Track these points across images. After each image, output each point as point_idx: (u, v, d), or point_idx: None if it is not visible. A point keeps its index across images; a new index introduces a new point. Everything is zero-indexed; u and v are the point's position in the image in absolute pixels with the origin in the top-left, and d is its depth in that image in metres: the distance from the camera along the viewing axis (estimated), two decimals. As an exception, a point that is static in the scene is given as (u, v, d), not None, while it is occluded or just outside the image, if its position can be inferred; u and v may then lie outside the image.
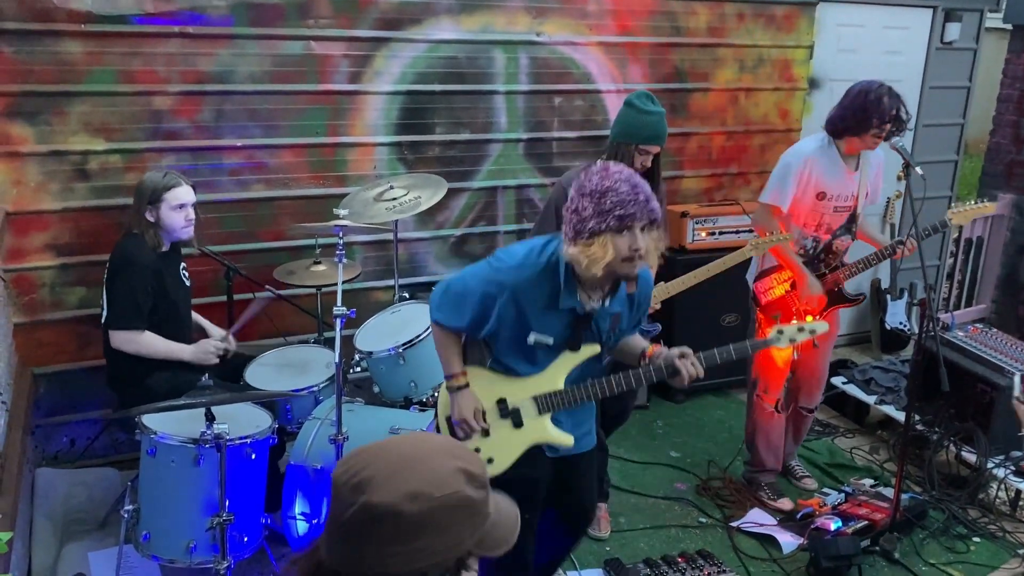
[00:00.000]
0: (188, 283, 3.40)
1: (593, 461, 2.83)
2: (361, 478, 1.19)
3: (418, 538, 1.17)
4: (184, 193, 3.19)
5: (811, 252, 3.58)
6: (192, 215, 3.23)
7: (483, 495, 1.25)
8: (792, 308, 3.55)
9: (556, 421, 2.59)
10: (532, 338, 2.45)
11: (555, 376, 2.53)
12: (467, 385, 2.56)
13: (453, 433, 2.58)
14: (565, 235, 2.32)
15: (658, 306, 3.39)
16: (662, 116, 3.27)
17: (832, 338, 3.77)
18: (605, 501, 3.61)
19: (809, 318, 3.54)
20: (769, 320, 3.59)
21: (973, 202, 3.62)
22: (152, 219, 3.16)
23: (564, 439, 2.59)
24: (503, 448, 2.58)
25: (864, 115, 3.35)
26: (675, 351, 2.50)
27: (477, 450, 2.55)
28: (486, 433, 2.58)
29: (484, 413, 2.58)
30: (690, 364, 2.47)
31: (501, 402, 2.57)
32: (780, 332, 2.64)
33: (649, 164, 3.33)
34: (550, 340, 2.46)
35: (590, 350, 2.51)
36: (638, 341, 2.66)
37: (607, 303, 2.45)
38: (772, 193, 3.52)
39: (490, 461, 2.56)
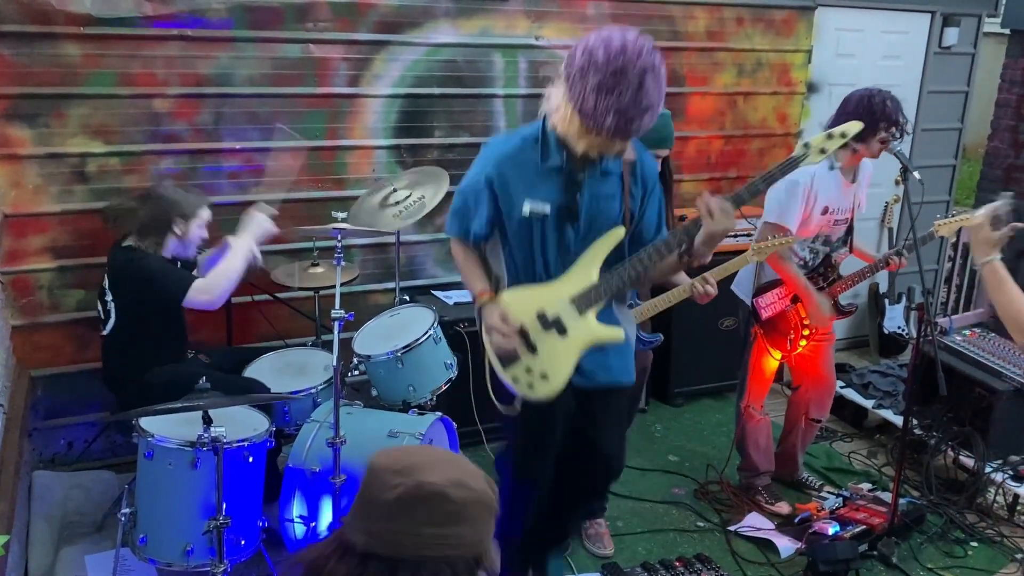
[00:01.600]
0: None
1: (623, 403, 2.76)
2: (407, 463, 1.28)
3: (457, 524, 1.26)
4: (208, 212, 3.29)
5: (811, 265, 3.57)
6: (205, 236, 3.30)
7: (496, 507, 1.34)
8: (793, 323, 3.54)
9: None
10: (527, 207, 2.39)
11: (588, 269, 2.44)
12: (491, 299, 2.48)
13: (502, 363, 2.47)
14: (564, 94, 2.24)
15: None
16: (668, 118, 3.25)
17: (831, 344, 3.76)
18: (601, 516, 3.59)
19: (806, 331, 3.56)
20: (770, 337, 3.58)
21: (955, 212, 3.62)
22: (180, 232, 3.18)
23: (614, 333, 2.47)
24: (555, 361, 2.45)
25: (872, 119, 3.34)
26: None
27: (528, 370, 2.46)
28: (533, 349, 2.46)
29: (527, 332, 2.45)
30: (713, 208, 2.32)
31: (540, 315, 2.45)
32: (806, 145, 2.37)
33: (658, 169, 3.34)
34: (547, 208, 2.40)
35: (615, 234, 2.43)
36: (673, 259, 2.47)
37: (601, 164, 2.39)
38: (780, 213, 3.43)
39: (544, 377, 2.45)
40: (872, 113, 3.33)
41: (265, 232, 3.28)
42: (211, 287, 3.05)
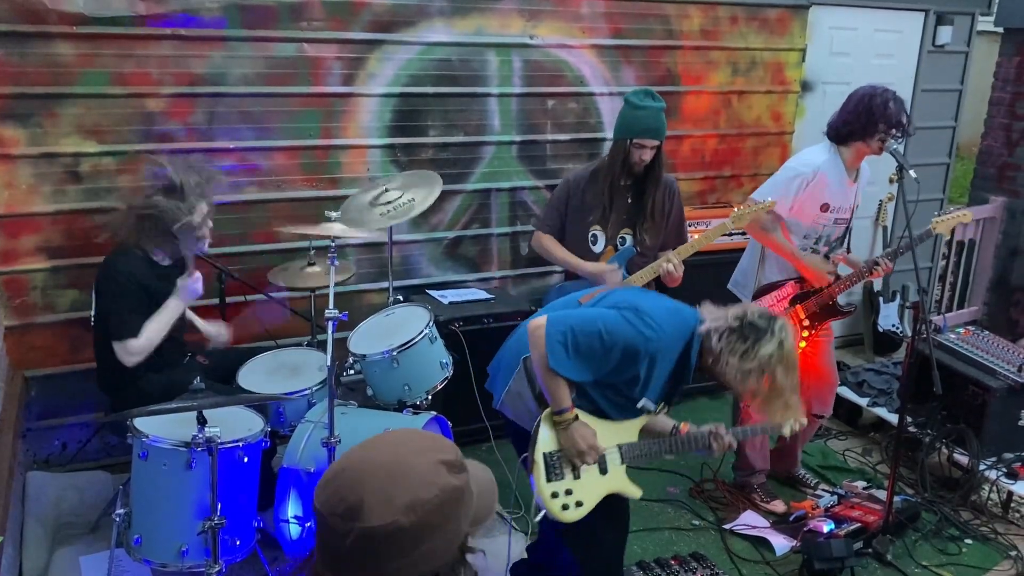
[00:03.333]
0: None
1: None
2: (350, 504, 1.17)
3: (422, 544, 1.18)
4: (205, 206, 3.20)
5: None
6: (210, 224, 3.25)
7: (464, 477, 1.25)
8: (793, 323, 3.54)
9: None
10: (642, 403, 2.53)
11: (634, 428, 2.63)
12: (577, 417, 2.52)
13: (550, 470, 2.54)
14: (727, 349, 2.43)
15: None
16: (658, 110, 3.29)
17: (830, 341, 3.77)
18: None
19: (805, 332, 3.56)
20: None
21: (952, 209, 3.63)
22: (188, 220, 3.08)
23: (636, 491, 2.68)
24: (590, 492, 2.59)
25: (870, 119, 3.35)
26: (706, 429, 2.69)
27: (568, 492, 2.54)
28: (578, 475, 2.56)
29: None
30: (721, 440, 2.69)
31: None
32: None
33: (647, 158, 3.35)
34: (653, 407, 2.55)
35: (660, 411, 2.65)
36: (664, 419, 2.77)
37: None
38: (769, 194, 3.45)
39: (579, 505, 2.56)
40: (871, 113, 3.34)
41: (193, 289, 3.19)
42: (137, 351, 3.04)
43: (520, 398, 2.69)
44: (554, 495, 2.53)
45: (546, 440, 2.55)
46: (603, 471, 2.59)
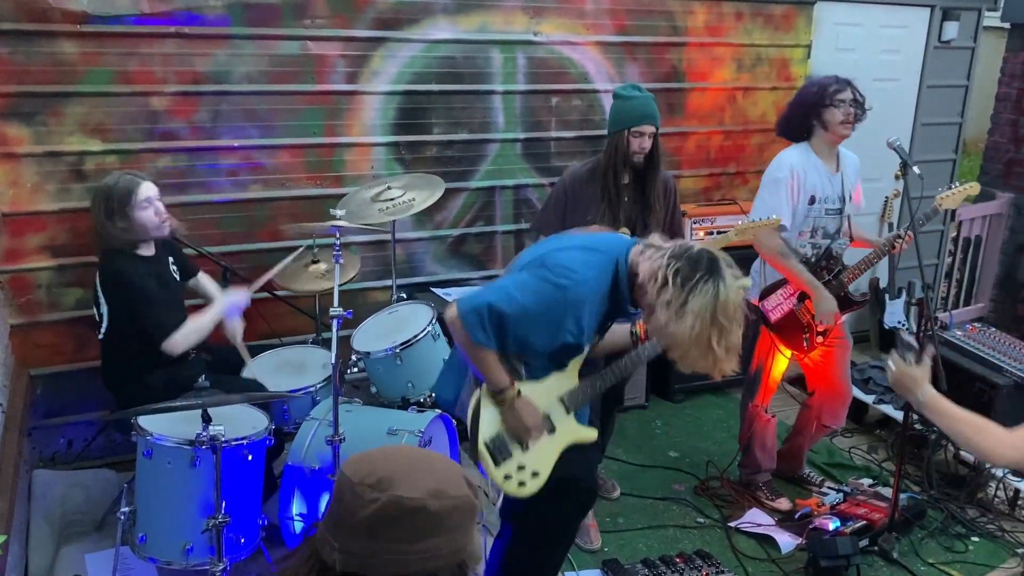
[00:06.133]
0: (178, 278, 3.35)
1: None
2: (381, 476, 1.20)
3: (436, 535, 1.20)
4: (146, 189, 3.11)
5: (812, 260, 3.55)
6: (162, 209, 3.15)
7: (478, 504, 1.28)
8: (804, 322, 3.53)
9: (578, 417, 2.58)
10: (572, 337, 2.41)
11: (572, 373, 2.52)
12: (519, 393, 2.43)
13: (496, 455, 2.46)
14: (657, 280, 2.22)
15: None
16: (648, 98, 3.31)
17: (846, 350, 3.72)
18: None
19: (821, 328, 3.53)
20: (785, 338, 3.57)
21: (958, 184, 3.57)
22: (124, 227, 3.06)
23: (590, 433, 2.59)
24: (543, 458, 2.50)
25: (804, 107, 3.41)
26: None
27: (520, 467, 2.47)
28: (525, 447, 2.49)
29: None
30: None
31: None
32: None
33: (647, 146, 3.34)
34: (584, 339, 2.45)
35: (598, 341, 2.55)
36: (621, 328, 2.64)
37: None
38: (766, 212, 3.42)
39: (535, 475, 2.48)
40: (803, 103, 3.43)
41: (239, 306, 3.23)
42: (181, 343, 3.06)
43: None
44: (507, 477, 2.46)
45: (487, 423, 2.46)
46: (551, 431, 2.51)
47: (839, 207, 3.52)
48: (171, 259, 3.34)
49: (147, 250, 3.21)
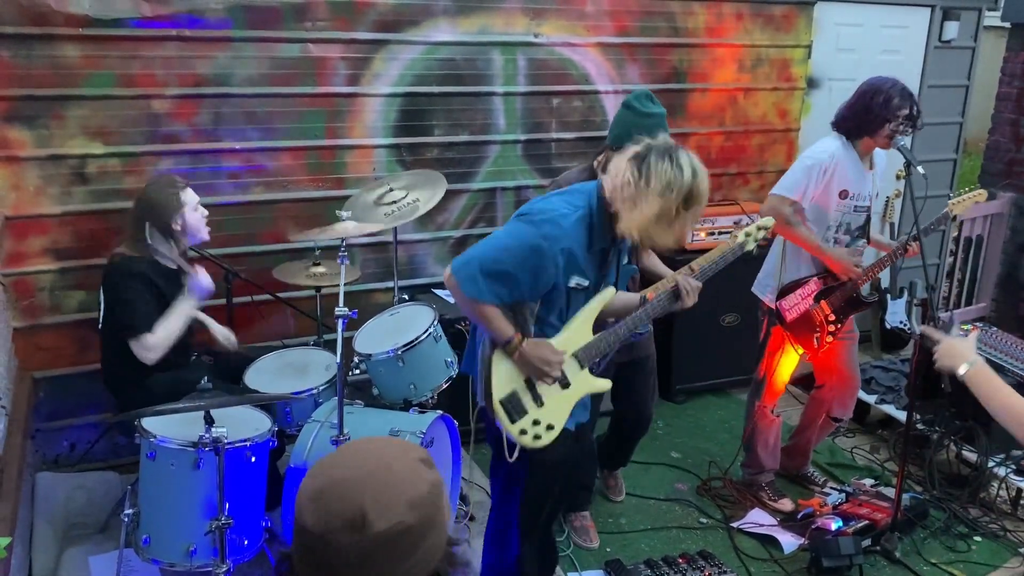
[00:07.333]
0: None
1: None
2: (348, 517, 1.14)
3: (426, 539, 1.19)
4: (193, 193, 3.24)
5: None
6: (205, 212, 3.27)
7: (437, 470, 1.26)
8: (818, 320, 3.53)
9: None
10: (574, 281, 2.48)
11: (584, 328, 2.57)
12: (524, 339, 2.47)
13: (511, 412, 2.52)
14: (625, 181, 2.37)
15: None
16: (662, 117, 3.16)
17: (853, 341, 3.74)
18: (587, 509, 3.59)
19: (832, 327, 3.54)
20: (798, 337, 3.57)
21: (968, 190, 3.61)
22: (179, 227, 3.17)
23: (604, 384, 2.68)
24: (557, 412, 2.58)
25: (868, 116, 3.33)
26: (668, 285, 2.68)
27: (536, 422, 2.54)
28: (540, 402, 2.55)
29: (535, 384, 2.55)
30: (688, 284, 2.63)
31: None
32: (747, 235, 2.84)
33: None
34: (586, 282, 2.51)
35: (609, 293, 2.58)
36: (630, 295, 2.72)
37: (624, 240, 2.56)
38: (792, 187, 3.41)
39: (550, 428, 2.56)
40: (869, 111, 3.33)
41: (204, 288, 3.23)
42: (153, 346, 3.05)
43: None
44: (523, 432, 2.53)
45: (501, 382, 2.51)
46: (565, 385, 2.58)
47: (867, 205, 3.52)
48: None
49: (168, 262, 3.22)
